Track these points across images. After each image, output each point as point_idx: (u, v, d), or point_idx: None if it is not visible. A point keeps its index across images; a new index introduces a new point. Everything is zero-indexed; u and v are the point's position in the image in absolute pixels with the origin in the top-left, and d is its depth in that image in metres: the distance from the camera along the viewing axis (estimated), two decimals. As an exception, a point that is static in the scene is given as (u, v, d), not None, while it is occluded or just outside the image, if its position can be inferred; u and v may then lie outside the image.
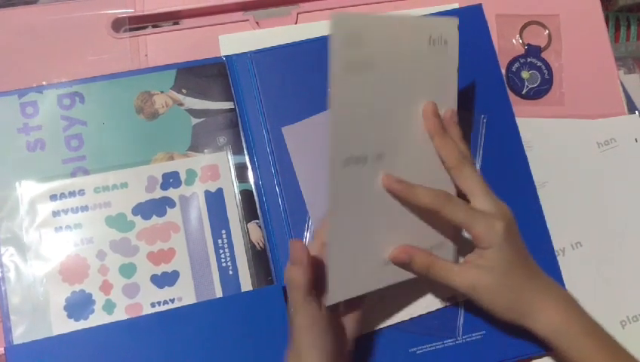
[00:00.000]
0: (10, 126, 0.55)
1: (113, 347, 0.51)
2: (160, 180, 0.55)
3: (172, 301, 0.53)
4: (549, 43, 0.64)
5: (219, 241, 0.54)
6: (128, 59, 0.61)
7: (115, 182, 0.55)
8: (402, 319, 0.53)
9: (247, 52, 0.58)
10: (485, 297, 0.48)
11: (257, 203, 0.55)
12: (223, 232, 0.54)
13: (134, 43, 0.62)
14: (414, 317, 0.53)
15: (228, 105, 0.57)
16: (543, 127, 0.60)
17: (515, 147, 0.57)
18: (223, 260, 0.54)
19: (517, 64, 0.63)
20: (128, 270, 0.53)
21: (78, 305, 0.52)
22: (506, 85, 0.61)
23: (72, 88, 0.56)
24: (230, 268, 0.54)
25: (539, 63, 0.63)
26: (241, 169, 0.56)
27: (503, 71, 0.62)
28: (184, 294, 0.53)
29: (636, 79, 0.68)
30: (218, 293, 0.53)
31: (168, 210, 0.54)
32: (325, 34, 0.57)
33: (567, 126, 0.61)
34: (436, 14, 0.59)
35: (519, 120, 0.58)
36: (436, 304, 0.54)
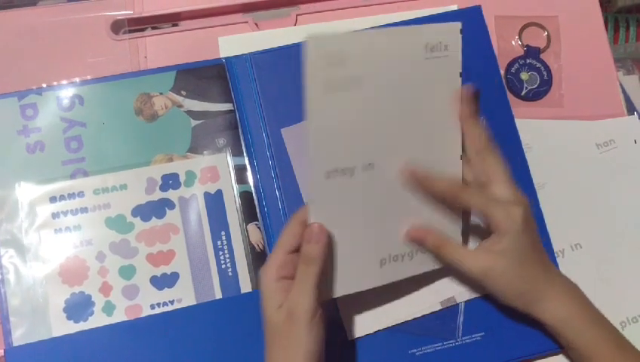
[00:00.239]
0: (9, 128, 0.55)
1: (113, 348, 0.51)
2: (159, 182, 0.55)
3: (172, 302, 0.53)
4: (548, 44, 0.64)
5: (218, 243, 0.54)
6: (127, 60, 0.61)
7: (115, 183, 0.55)
8: (402, 320, 0.53)
9: (246, 53, 0.58)
10: (497, 283, 0.49)
11: (257, 204, 0.55)
12: (223, 234, 0.54)
13: (133, 45, 0.62)
14: (414, 318, 0.53)
15: (227, 106, 0.57)
16: (542, 129, 0.60)
17: (515, 148, 0.57)
18: (223, 262, 0.54)
19: (516, 65, 0.63)
20: (128, 271, 0.53)
21: (78, 307, 0.52)
22: (505, 86, 0.61)
23: (72, 90, 0.56)
24: (230, 270, 0.54)
25: (538, 65, 0.63)
26: (240, 170, 0.56)
27: (502, 72, 0.62)
28: (184, 296, 0.53)
29: (635, 80, 0.68)
30: (218, 295, 0.53)
31: (168, 212, 0.55)
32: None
33: (566, 127, 0.61)
34: (435, 16, 0.59)
35: (518, 121, 0.58)
36: (436, 305, 0.54)
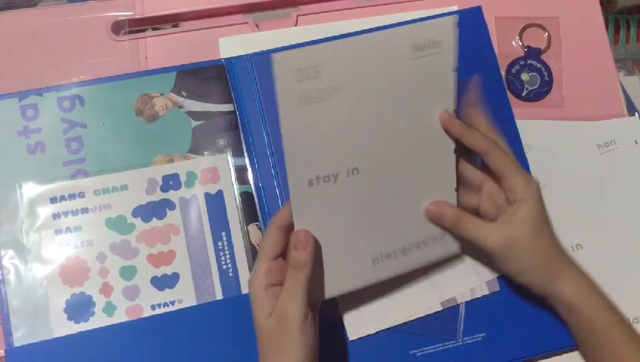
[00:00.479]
0: (10, 129, 0.55)
1: (114, 349, 0.51)
2: (160, 182, 0.55)
3: (172, 303, 0.53)
4: (549, 45, 0.64)
5: (219, 243, 0.54)
6: (128, 61, 0.61)
7: (115, 184, 0.55)
8: (403, 321, 0.53)
9: (246, 54, 0.58)
10: (516, 254, 0.49)
11: (257, 205, 0.55)
12: (223, 234, 0.54)
13: (134, 45, 0.62)
14: (415, 319, 0.53)
15: (228, 107, 0.57)
16: (543, 129, 0.60)
17: (515, 149, 0.57)
18: (223, 262, 0.54)
19: (517, 66, 0.63)
20: (128, 272, 0.53)
21: (79, 308, 0.52)
22: (506, 87, 0.61)
23: (72, 91, 0.56)
24: (230, 270, 0.54)
25: (538, 65, 0.63)
26: (241, 171, 0.56)
27: (503, 73, 0.62)
28: (184, 296, 0.53)
29: (636, 81, 0.68)
30: (218, 295, 0.53)
31: (168, 212, 0.55)
32: (326, 36, 0.58)
33: (566, 128, 0.61)
34: (435, 17, 0.59)
35: (519, 122, 0.58)
36: (437, 306, 0.54)
